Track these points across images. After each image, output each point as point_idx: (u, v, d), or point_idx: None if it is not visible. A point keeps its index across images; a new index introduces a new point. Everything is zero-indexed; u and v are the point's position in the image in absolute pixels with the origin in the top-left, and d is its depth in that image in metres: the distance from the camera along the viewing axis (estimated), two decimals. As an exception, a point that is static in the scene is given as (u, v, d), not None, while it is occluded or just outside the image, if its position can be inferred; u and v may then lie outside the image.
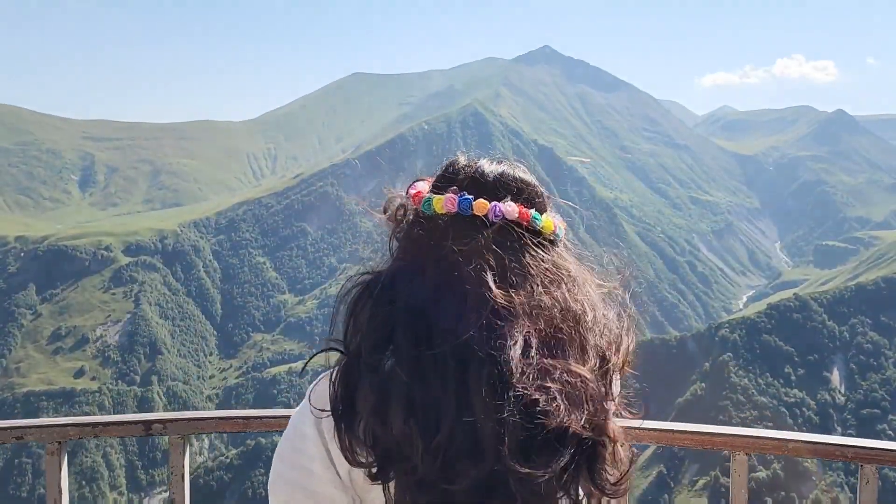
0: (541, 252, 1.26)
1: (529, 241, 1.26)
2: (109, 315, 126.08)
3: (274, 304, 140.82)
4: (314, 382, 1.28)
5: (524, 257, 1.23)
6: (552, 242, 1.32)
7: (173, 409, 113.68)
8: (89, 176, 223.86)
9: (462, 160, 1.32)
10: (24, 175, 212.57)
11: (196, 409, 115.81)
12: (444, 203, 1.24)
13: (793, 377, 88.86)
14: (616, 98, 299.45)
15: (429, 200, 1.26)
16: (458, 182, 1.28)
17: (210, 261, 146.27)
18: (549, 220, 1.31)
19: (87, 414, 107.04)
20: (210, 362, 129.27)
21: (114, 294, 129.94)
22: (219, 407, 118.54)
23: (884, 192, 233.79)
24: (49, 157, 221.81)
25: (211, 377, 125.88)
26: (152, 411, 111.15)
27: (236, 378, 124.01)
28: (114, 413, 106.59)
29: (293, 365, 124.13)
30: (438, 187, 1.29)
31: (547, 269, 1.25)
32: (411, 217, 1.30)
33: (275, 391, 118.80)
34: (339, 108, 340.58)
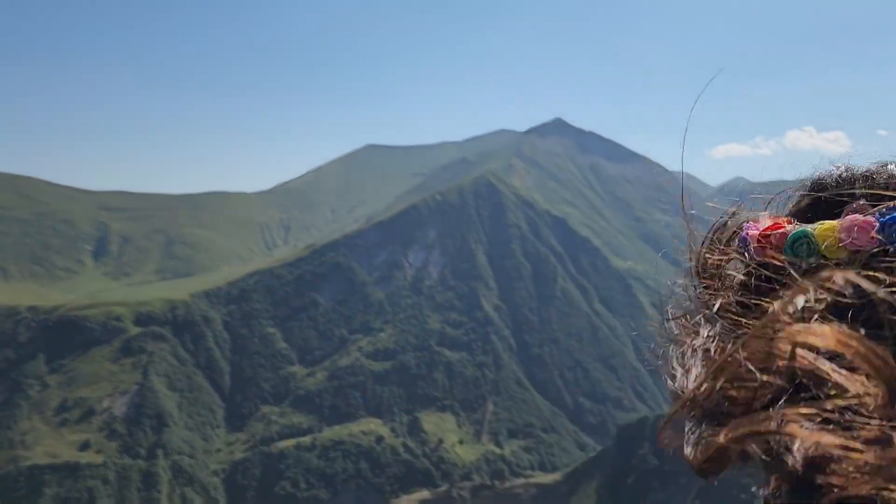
0: None
1: None
2: (117, 386, 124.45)
3: (283, 375, 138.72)
4: None
5: None
6: None
7: (178, 485, 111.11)
8: (103, 246, 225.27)
9: (838, 170, 0.73)
10: (39, 245, 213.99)
11: (201, 483, 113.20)
12: (846, 232, 0.60)
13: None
14: (628, 169, 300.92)
15: (803, 235, 0.62)
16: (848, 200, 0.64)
17: (220, 331, 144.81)
18: None
19: (89, 489, 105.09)
20: (217, 435, 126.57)
21: (122, 364, 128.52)
22: (225, 483, 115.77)
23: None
24: (64, 227, 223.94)
25: (217, 451, 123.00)
26: (157, 487, 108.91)
27: (243, 452, 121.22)
28: (118, 488, 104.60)
29: (301, 439, 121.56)
30: (807, 217, 0.69)
31: None
32: (753, 278, 0.71)
33: (282, 466, 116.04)
34: (352, 180, 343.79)
